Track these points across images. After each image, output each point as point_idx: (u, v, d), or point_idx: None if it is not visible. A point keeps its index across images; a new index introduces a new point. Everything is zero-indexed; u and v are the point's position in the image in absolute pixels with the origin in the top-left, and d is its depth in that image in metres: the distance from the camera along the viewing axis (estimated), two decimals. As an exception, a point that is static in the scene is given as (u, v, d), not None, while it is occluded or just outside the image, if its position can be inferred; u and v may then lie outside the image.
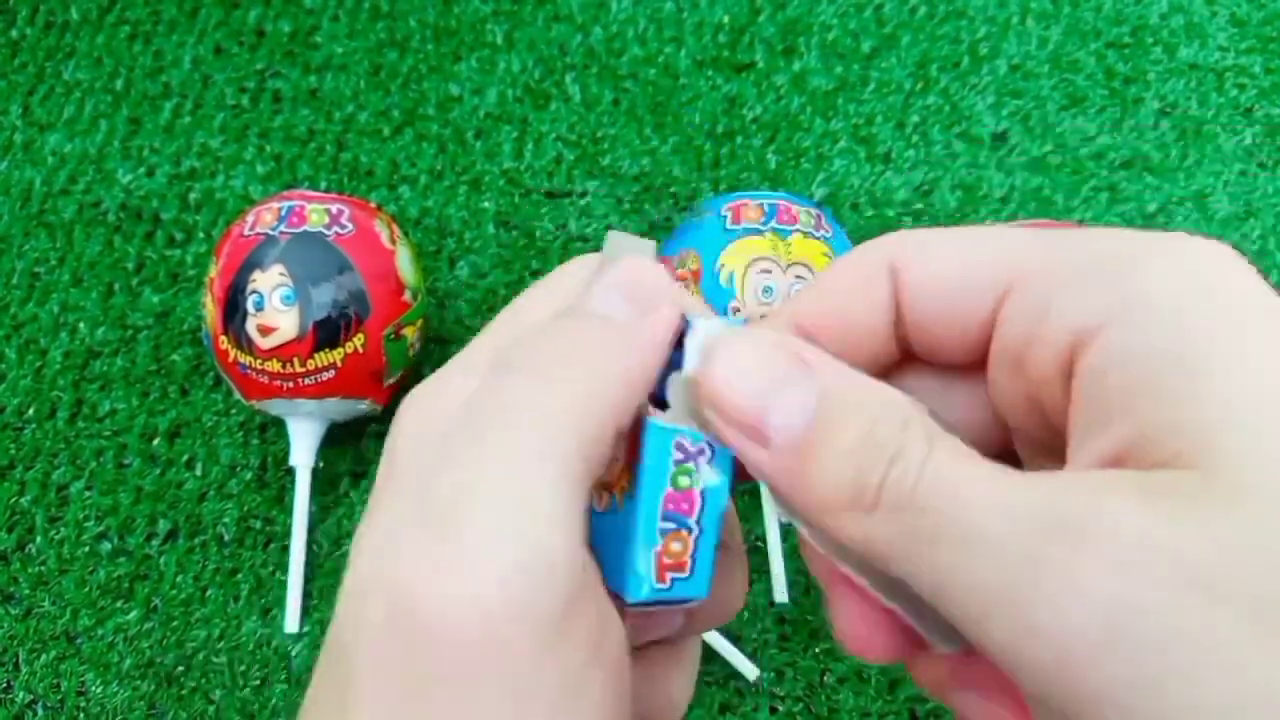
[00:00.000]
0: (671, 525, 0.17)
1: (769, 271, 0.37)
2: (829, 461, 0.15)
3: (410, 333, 0.40)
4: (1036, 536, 0.13)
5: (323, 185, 0.49)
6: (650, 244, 0.19)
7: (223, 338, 0.38)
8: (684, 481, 0.17)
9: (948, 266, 0.17)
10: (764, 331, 0.17)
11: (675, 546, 0.17)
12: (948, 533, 0.14)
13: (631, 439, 0.17)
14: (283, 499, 0.42)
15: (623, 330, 0.17)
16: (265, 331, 0.37)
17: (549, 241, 0.47)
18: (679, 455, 0.17)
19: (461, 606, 0.14)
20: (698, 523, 0.17)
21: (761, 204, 0.39)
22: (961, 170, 0.49)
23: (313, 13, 0.55)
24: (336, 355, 0.38)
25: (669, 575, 0.17)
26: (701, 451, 0.17)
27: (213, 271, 0.39)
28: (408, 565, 0.15)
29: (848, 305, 0.18)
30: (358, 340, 0.38)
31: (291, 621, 0.39)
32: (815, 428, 0.15)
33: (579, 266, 0.19)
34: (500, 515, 0.15)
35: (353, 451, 0.43)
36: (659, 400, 0.17)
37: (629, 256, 0.18)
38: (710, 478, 0.17)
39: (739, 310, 0.36)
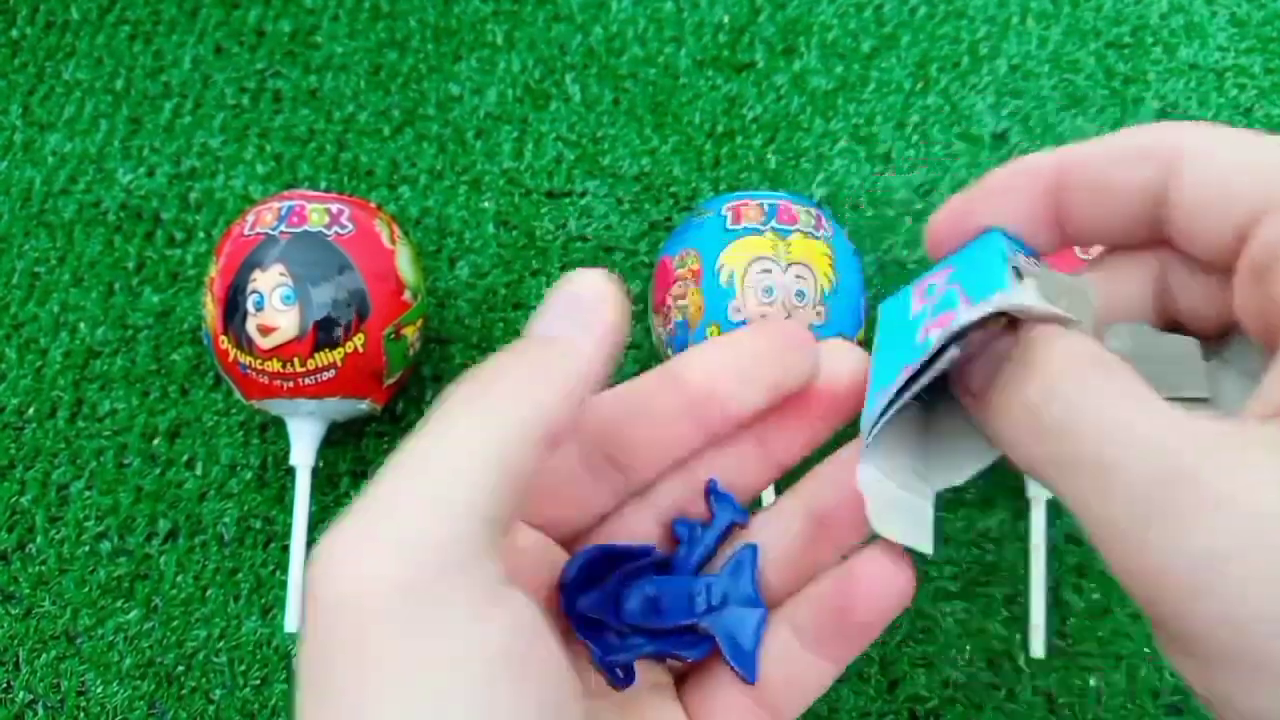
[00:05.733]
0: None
1: (769, 271, 0.37)
2: (1015, 409, 0.18)
3: (410, 332, 0.40)
4: (1157, 482, 0.15)
5: (323, 185, 0.49)
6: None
7: (223, 337, 0.38)
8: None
9: (1218, 178, 0.18)
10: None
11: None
12: (1089, 461, 0.17)
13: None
14: (283, 499, 0.42)
15: (558, 345, 0.19)
16: (265, 331, 0.37)
17: (549, 241, 0.47)
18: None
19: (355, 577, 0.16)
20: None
21: (762, 204, 0.39)
22: (961, 170, 0.49)
23: (313, 13, 0.55)
24: (336, 355, 0.38)
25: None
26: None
27: (213, 271, 0.39)
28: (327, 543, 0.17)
29: (1112, 179, 0.20)
30: (358, 340, 0.38)
31: (292, 621, 0.39)
32: (1000, 386, 0.19)
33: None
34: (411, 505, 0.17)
35: (353, 451, 0.43)
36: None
37: (578, 277, 0.20)
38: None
39: (739, 311, 0.36)
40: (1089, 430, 0.17)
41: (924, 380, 0.19)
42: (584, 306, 0.20)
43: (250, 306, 0.37)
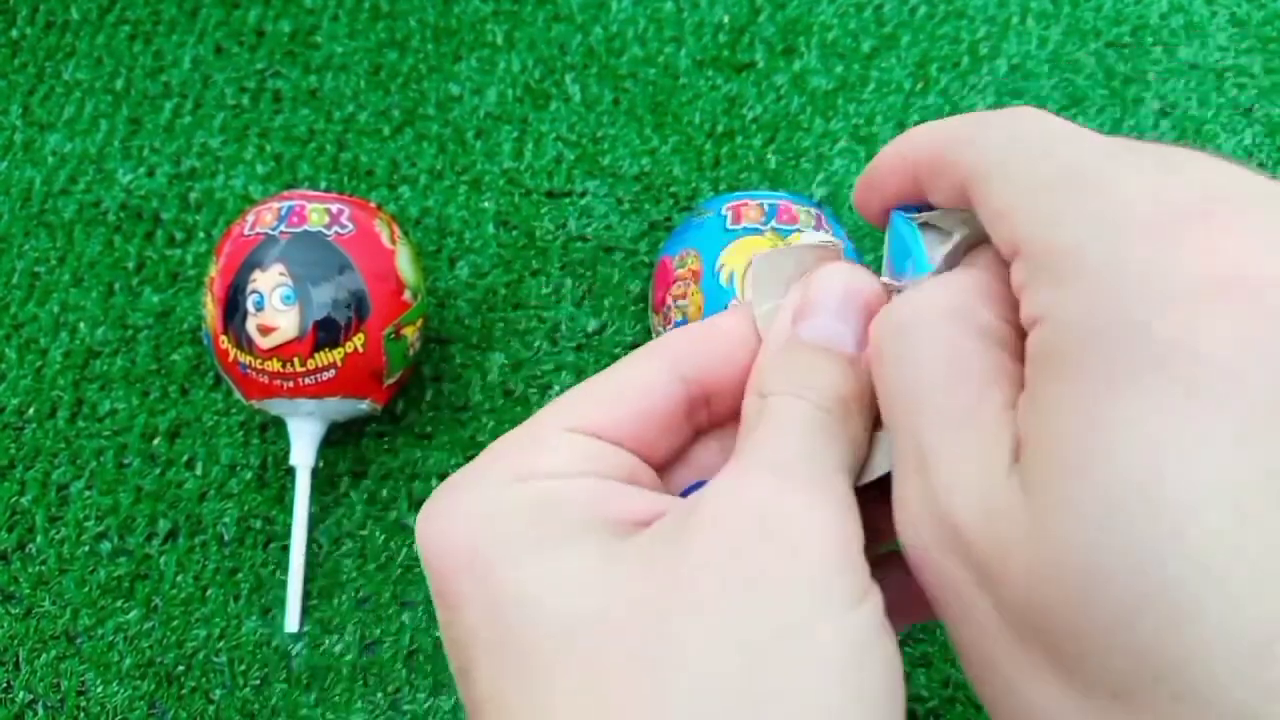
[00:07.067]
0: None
1: (769, 271, 0.37)
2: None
3: (410, 332, 0.40)
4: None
5: (323, 185, 0.49)
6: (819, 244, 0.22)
7: (223, 337, 0.38)
8: None
9: (991, 217, 0.18)
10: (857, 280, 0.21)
11: None
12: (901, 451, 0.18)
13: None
14: (283, 499, 0.42)
15: (854, 367, 0.20)
16: (265, 331, 0.37)
17: (549, 241, 0.47)
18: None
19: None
20: None
21: (762, 204, 0.39)
22: (961, 170, 0.49)
23: (313, 13, 0.55)
24: (336, 355, 0.38)
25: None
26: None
27: (213, 271, 0.39)
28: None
29: (936, 186, 0.20)
30: (358, 340, 0.38)
31: (291, 621, 0.39)
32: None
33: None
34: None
35: (353, 451, 0.43)
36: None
37: (847, 271, 0.21)
38: None
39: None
40: (900, 402, 0.18)
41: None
42: (856, 308, 0.20)
43: (250, 306, 0.37)
